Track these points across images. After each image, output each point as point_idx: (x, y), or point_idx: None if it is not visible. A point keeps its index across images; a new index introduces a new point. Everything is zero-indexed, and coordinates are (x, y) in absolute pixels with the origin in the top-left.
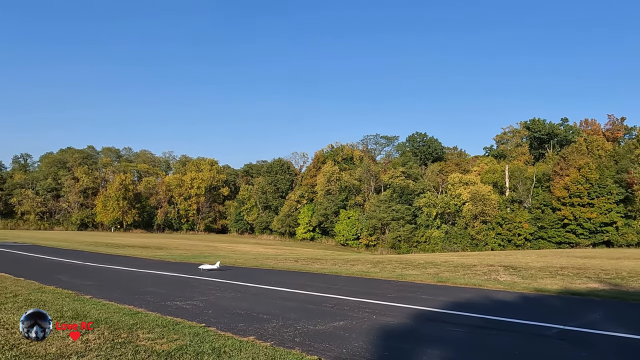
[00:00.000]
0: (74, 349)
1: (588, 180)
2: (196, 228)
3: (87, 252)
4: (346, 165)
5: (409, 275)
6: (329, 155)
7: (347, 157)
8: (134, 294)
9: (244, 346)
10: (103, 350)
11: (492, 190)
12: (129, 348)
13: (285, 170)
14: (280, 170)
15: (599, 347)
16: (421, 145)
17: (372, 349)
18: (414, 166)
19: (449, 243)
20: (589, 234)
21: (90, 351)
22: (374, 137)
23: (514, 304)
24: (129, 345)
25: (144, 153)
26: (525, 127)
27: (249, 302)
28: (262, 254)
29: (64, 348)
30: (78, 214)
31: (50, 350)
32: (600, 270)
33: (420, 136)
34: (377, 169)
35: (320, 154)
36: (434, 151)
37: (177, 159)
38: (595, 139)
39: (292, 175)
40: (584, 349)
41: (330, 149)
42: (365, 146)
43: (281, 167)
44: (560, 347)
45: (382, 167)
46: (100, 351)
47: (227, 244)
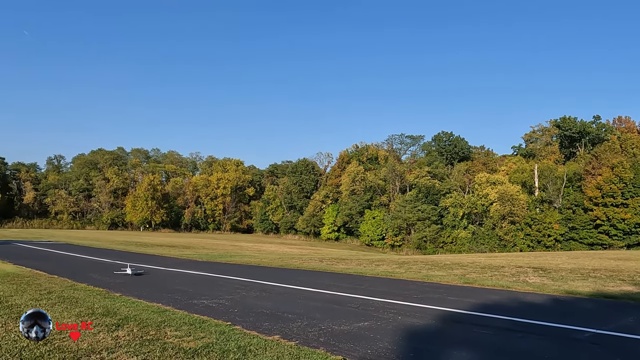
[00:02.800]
0: (104, 344)
1: (622, 180)
2: (222, 228)
3: (117, 251)
4: (371, 165)
5: (434, 276)
6: (354, 155)
7: (371, 157)
8: (162, 292)
9: (269, 345)
10: (132, 347)
11: (520, 190)
12: (157, 345)
13: (310, 170)
14: (305, 171)
15: (634, 352)
16: (447, 144)
17: (397, 350)
18: (439, 166)
19: (475, 244)
20: (622, 235)
21: (120, 347)
22: (399, 137)
23: (543, 307)
24: (157, 342)
25: (171, 154)
26: (556, 125)
27: (274, 301)
28: (287, 254)
29: (95, 344)
30: (109, 213)
31: (82, 346)
32: (635, 272)
33: (446, 135)
34: (402, 168)
35: (344, 154)
36: (460, 150)
37: (204, 160)
38: (630, 137)
39: (317, 175)
40: (618, 354)
41: (354, 149)
42: (390, 146)
43: (306, 167)
44: (593, 352)
45: (408, 166)
46: (130, 347)
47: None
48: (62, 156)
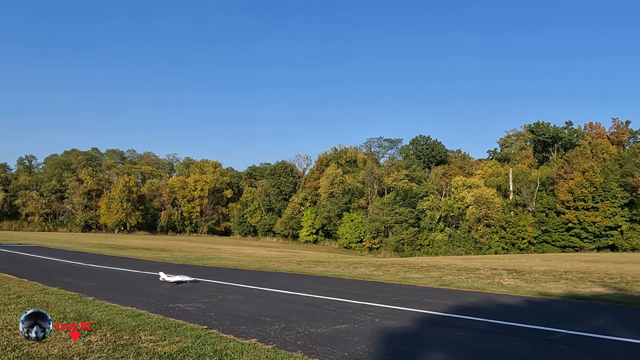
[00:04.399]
0: (75, 350)
1: (592, 184)
2: (199, 230)
3: (91, 254)
4: (349, 168)
5: (412, 278)
6: (333, 158)
7: (350, 160)
8: (137, 296)
9: (246, 349)
10: (105, 352)
11: (496, 194)
12: (131, 350)
13: (289, 172)
14: (284, 173)
15: (604, 352)
16: (425, 148)
17: (374, 353)
18: (417, 169)
19: (452, 246)
20: (593, 238)
21: (92, 353)
22: (378, 140)
23: (517, 308)
24: (130, 347)
25: (147, 155)
26: (530, 130)
27: (252, 304)
28: (265, 257)
29: (65, 350)
30: (82, 215)
31: (52, 352)
32: (604, 274)
33: (423, 139)
34: (380, 171)
35: (323, 157)
36: (437, 154)
37: (181, 161)
38: (600, 142)
39: (296, 177)
40: (589, 354)
41: (333, 152)
42: (368, 149)
43: (284, 169)
44: (564, 352)
45: (386, 170)
46: (102, 353)
47: (230, 246)
48: (34, 156)
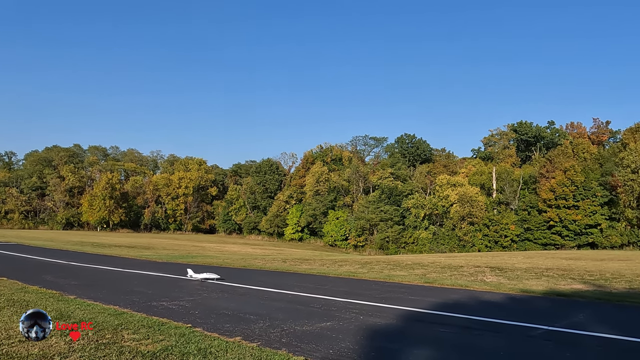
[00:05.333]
0: (57, 349)
1: (573, 183)
2: (184, 228)
3: (72, 252)
4: (335, 166)
5: (396, 276)
6: (318, 155)
7: (336, 158)
8: (120, 294)
9: (230, 347)
10: (87, 351)
11: (479, 192)
12: (114, 349)
13: (274, 170)
14: (269, 171)
15: (583, 347)
16: (410, 146)
17: (359, 350)
18: (402, 167)
19: (436, 244)
20: (574, 236)
21: (74, 352)
22: (363, 138)
23: (500, 305)
24: (113, 346)
25: (131, 152)
26: (513, 129)
27: (236, 302)
28: (250, 255)
29: (46, 349)
30: (64, 213)
31: (32, 351)
32: (584, 271)
33: (409, 137)
34: (365, 169)
35: (309, 155)
36: (422, 153)
37: (165, 159)
38: (581, 142)
39: (281, 175)
40: (568, 350)
41: (319, 150)
42: (354, 147)
43: (270, 167)
44: (545, 348)
45: (371, 168)
46: (84, 352)
47: (215, 244)
48: (14, 153)
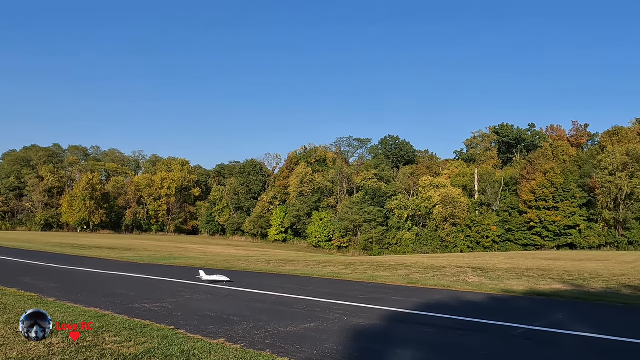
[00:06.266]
0: (36, 353)
1: (553, 185)
2: (166, 229)
3: (52, 254)
4: (319, 167)
5: (380, 276)
6: (302, 156)
7: (320, 159)
8: (101, 297)
9: (214, 349)
10: (67, 354)
11: (461, 194)
12: (95, 352)
13: (258, 171)
14: (253, 171)
15: (562, 346)
16: (393, 148)
17: (342, 351)
18: (386, 169)
19: (419, 245)
20: (553, 237)
21: (54, 355)
22: (347, 140)
23: (482, 305)
24: (94, 348)
25: (112, 152)
26: (494, 132)
27: (220, 304)
28: (233, 256)
29: (25, 352)
30: (42, 214)
31: (10, 355)
32: (563, 271)
33: (392, 139)
34: (349, 171)
35: (293, 156)
36: (405, 154)
37: (147, 159)
38: (560, 144)
39: (265, 176)
40: (549, 349)
41: (303, 151)
42: (338, 148)
43: (254, 168)
44: (526, 347)
45: (355, 169)
46: (64, 355)
47: (198, 245)
48: None
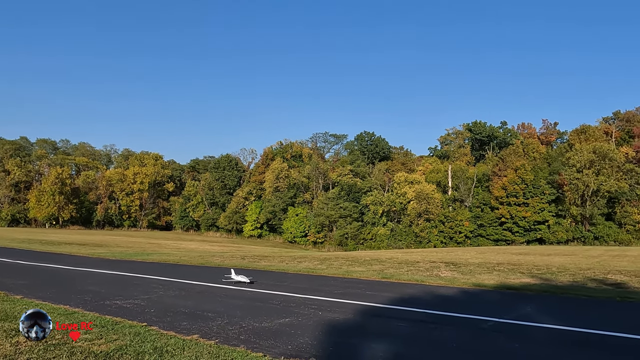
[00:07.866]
0: (2, 352)
1: (524, 181)
2: (139, 225)
3: (19, 250)
4: (295, 163)
5: (355, 272)
6: (278, 152)
7: (296, 155)
8: (71, 293)
9: (187, 345)
10: (35, 353)
11: (435, 190)
12: (64, 350)
13: (233, 166)
14: (228, 167)
15: (530, 338)
16: (369, 144)
17: (317, 345)
18: (361, 165)
19: (394, 240)
20: (523, 232)
21: (21, 354)
22: (323, 135)
23: (454, 299)
24: (63, 346)
25: (82, 146)
26: (468, 129)
27: (194, 300)
28: (208, 252)
29: None
30: (9, 209)
31: None
32: (532, 266)
33: (368, 135)
34: (325, 166)
35: (269, 151)
36: (381, 150)
37: (119, 153)
38: (531, 142)
39: (240, 171)
40: (517, 340)
41: (279, 146)
42: (314, 144)
43: (229, 163)
44: (495, 339)
45: (331, 165)
46: (32, 354)
47: (172, 241)
48: None
